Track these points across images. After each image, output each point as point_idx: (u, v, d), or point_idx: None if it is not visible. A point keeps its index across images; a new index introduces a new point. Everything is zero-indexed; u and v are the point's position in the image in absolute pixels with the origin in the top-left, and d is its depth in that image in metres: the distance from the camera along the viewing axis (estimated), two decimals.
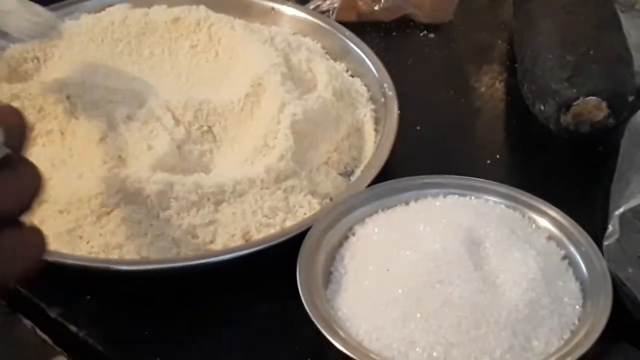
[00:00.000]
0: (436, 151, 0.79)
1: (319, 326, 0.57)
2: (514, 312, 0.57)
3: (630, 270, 0.62)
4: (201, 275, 0.65)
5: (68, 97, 0.76)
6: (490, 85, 0.88)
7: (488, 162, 0.78)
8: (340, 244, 0.64)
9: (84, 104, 0.76)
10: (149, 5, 0.88)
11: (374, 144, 0.76)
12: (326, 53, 0.86)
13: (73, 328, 0.63)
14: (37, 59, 0.83)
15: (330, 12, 0.94)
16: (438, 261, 0.59)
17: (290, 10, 0.90)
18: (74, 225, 0.67)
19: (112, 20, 0.86)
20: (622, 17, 0.83)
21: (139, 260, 0.65)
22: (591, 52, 0.76)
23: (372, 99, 0.81)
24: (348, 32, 0.86)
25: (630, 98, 0.75)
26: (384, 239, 0.63)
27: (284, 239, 0.65)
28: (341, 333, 0.58)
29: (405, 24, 0.96)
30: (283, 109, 0.75)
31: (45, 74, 0.81)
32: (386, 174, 0.70)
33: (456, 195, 0.67)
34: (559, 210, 0.66)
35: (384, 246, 0.62)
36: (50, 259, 0.63)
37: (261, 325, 0.64)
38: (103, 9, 0.87)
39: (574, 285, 0.61)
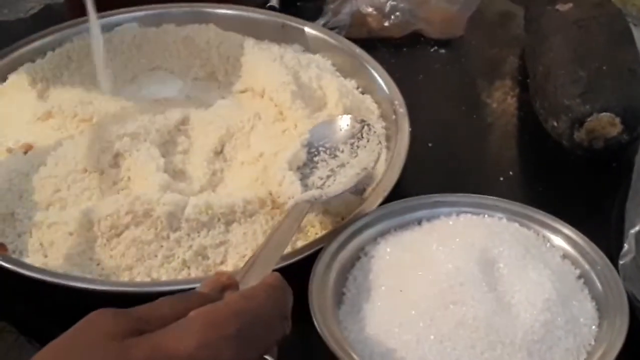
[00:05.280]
0: (448, 168, 0.79)
1: (331, 348, 0.57)
2: (529, 333, 0.56)
3: None
4: None
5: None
6: (502, 100, 0.87)
7: (501, 179, 0.77)
8: (352, 264, 0.64)
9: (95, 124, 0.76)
10: (158, 25, 0.88)
11: (385, 162, 0.75)
12: (336, 70, 0.86)
13: None
14: (47, 79, 0.83)
15: (340, 28, 0.93)
16: (451, 282, 0.58)
17: (300, 27, 0.89)
18: (85, 248, 0.66)
19: (121, 39, 0.86)
20: (635, 31, 0.83)
21: (149, 282, 0.65)
22: (604, 68, 0.76)
23: (383, 116, 0.80)
24: (358, 49, 0.86)
25: None
26: (396, 259, 0.62)
27: (295, 259, 0.64)
28: (354, 355, 0.57)
29: (415, 39, 0.95)
30: (293, 128, 0.75)
31: (55, 94, 0.81)
32: (398, 192, 0.70)
33: (469, 214, 0.66)
34: (573, 229, 0.65)
35: (396, 266, 0.62)
36: (59, 281, 0.63)
37: None
38: (112, 28, 0.87)
39: (590, 305, 0.60)
